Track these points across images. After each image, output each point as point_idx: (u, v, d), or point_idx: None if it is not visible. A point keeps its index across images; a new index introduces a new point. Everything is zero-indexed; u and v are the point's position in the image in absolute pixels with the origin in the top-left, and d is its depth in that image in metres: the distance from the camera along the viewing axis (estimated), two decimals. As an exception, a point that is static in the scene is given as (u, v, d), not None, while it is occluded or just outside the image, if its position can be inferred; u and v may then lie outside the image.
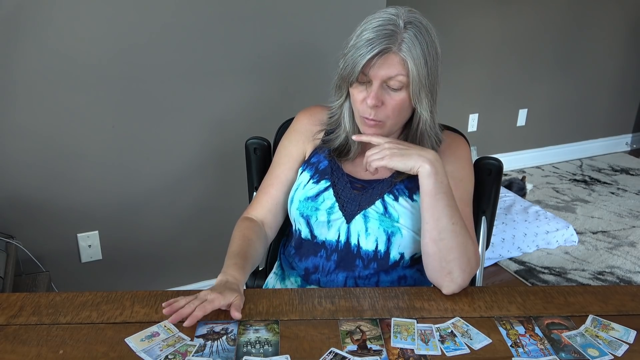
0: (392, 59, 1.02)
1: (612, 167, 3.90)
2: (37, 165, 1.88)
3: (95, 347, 0.88)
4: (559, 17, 3.53)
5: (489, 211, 1.31)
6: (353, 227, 1.13)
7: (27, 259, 1.90)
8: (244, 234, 1.14)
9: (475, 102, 3.51)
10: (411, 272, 1.18)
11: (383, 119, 1.06)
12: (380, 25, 1.02)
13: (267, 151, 1.40)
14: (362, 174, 1.17)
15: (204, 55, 1.99)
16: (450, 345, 0.91)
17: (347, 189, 1.15)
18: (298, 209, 1.16)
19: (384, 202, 1.12)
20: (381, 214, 1.12)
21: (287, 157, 1.23)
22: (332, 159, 1.18)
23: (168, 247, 2.19)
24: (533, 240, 2.72)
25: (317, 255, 1.17)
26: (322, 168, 1.18)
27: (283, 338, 0.91)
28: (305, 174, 1.19)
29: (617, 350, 0.91)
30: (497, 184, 1.28)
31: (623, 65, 3.92)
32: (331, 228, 1.14)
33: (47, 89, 1.81)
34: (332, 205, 1.13)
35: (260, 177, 1.39)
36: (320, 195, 1.15)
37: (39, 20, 1.74)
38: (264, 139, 1.40)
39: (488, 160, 1.28)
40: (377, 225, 1.12)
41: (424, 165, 1.02)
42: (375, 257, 1.13)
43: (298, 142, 1.23)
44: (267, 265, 1.45)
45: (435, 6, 3.14)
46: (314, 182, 1.16)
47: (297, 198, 1.17)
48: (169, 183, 2.11)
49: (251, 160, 1.41)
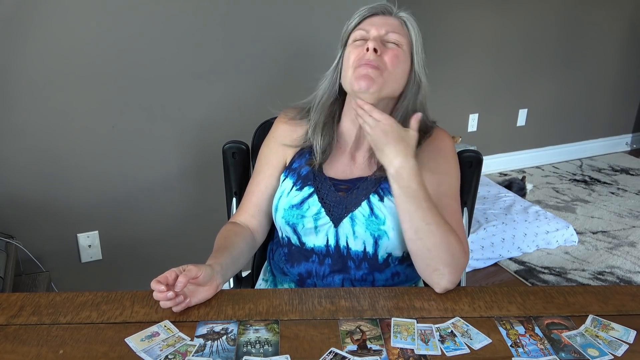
0: (392, 20, 1.12)
1: (612, 167, 3.90)
2: (37, 165, 1.88)
3: (95, 347, 0.88)
4: (559, 17, 3.53)
5: (470, 202, 1.34)
6: (341, 230, 1.12)
7: (27, 259, 1.90)
8: (221, 235, 1.15)
9: (475, 102, 3.51)
10: (402, 268, 1.18)
11: (381, 66, 1.06)
12: (378, 3, 1.14)
13: (246, 155, 1.37)
14: (347, 174, 1.16)
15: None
16: (450, 345, 0.91)
17: (331, 193, 1.14)
18: (283, 217, 1.15)
19: (370, 203, 1.12)
20: (367, 216, 1.11)
21: (267, 165, 1.22)
22: (312, 164, 1.16)
23: (168, 246, 2.19)
24: (533, 240, 2.72)
25: (309, 261, 1.16)
26: (304, 174, 1.16)
27: (283, 338, 0.91)
28: (287, 181, 1.17)
29: (617, 350, 0.91)
30: (477, 175, 1.32)
31: (623, 65, 3.92)
32: (319, 233, 1.14)
33: (47, 90, 1.82)
34: (318, 211, 1.13)
35: (239, 181, 1.37)
36: (305, 202, 1.13)
37: (39, 22, 1.74)
38: (242, 142, 1.37)
39: (468, 152, 1.31)
40: (364, 230, 1.11)
41: (388, 168, 1.03)
42: (365, 257, 1.13)
43: (278, 150, 1.21)
44: (253, 271, 1.43)
45: (435, 6, 3.14)
46: (297, 189, 1.15)
47: (281, 206, 1.15)
48: (169, 182, 2.11)
49: (229, 165, 1.37)
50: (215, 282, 1.00)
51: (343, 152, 1.18)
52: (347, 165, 1.17)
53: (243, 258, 1.16)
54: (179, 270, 0.95)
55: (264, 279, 1.30)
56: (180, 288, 0.93)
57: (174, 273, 0.94)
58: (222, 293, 1.03)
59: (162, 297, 0.93)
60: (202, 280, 0.97)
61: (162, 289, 0.92)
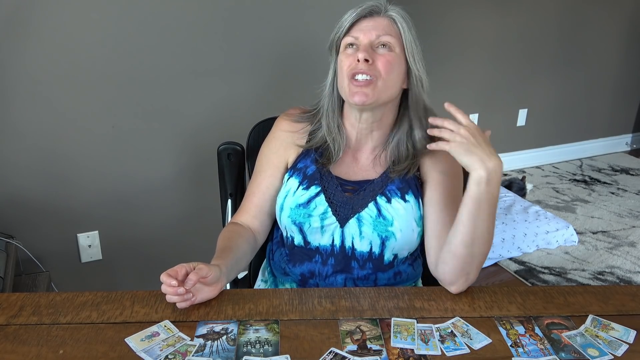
0: (381, 20, 1.09)
1: (612, 167, 3.90)
2: (37, 165, 1.88)
3: (95, 347, 0.88)
4: (559, 16, 3.53)
5: None
6: (347, 231, 1.12)
7: (27, 259, 1.90)
8: (224, 236, 1.14)
9: (475, 102, 3.51)
10: (404, 267, 1.18)
11: (375, 74, 1.06)
12: (366, 3, 1.10)
13: (241, 156, 1.36)
14: (352, 175, 1.16)
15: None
16: (450, 345, 0.91)
17: (338, 193, 1.13)
18: (290, 216, 1.14)
19: (377, 204, 1.12)
20: (375, 217, 1.11)
21: (268, 165, 1.21)
22: (319, 164, 1.16)
23: (168, 246, 2.19)
24: (533, 240, 2.72)
25: (312, 261, 1.16)
26: (310, 173, 1.16)
27: (283, 338, 0.91)
28: (293, 180, 1.16)
29: (617, 350, 0.91)
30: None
31: (623, 65, 3.92)
32: (325, 233, 1.13)
33: (47, 90, 1.82)
34: (325, 211, 1.12)
35: (234, 183, 1.35)
36: (312, 201, 1.13)
37: (38, 22, 1.74)
38: (237, 143, 1.35)
39: None
40: (371, 230, 1.11)
41: (478, 170, 0.98)
42: (370, 258, 1.13)
43: (279, 150, 1.20)
44: (250, 273, 1.42)
45: (435, 6, 3.14)
46: (303, 188, 1.14)
47: (287, 205, 1.15)
48: (169, 182, 2.11)
49: (224, 167, 1.35)
50: (220, 282, 1.01)
51: (345, 153, 1.18)
52: (351, 166, 1.17)
53: (245, 259, 1.16)
54: (189, 266, 0.95)
55: (263, 280, 1.30)
56: (190, 285, 0.93)
57: (184, 269, 0.94)
58: (222, 293, 1.03)
59: (172, 291, 0.92)
60: (211, 280, 0.97)
61: (174, 283, 0.92)
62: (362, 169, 1.17)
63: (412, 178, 1.14)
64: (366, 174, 1.16)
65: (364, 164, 1.17)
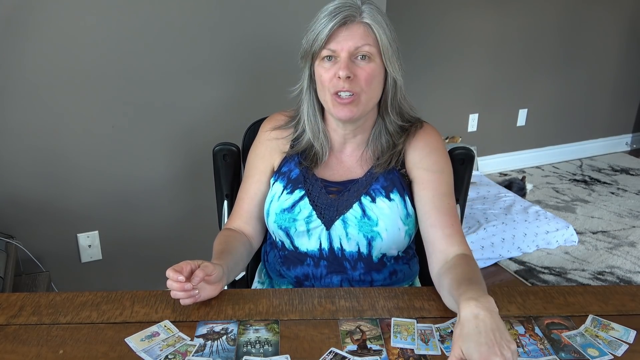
0: (356, 29, 1.03)
1: (612, 167, 3.90)
2: (37, 165, 1.88)
3: (95, 347, 0.88)
4: (559, 16, 3.53)
5: (462, 198, 1.34)
6: (334, 233, 1.12)
7: (27, 259, 1.90)
8: (220, 240, 1.14)
9: (475, 102, 3.51)
10: (399, 266, 1.18)
11: (357, 90, 1.04)
12: (339, 3, 1.05)
13: (237, 156, 1.35)
14: (336, 176, 1.15)
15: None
16: (450, 345, 0.91)
17: (322, 195, 1.13)
18: (275, 221, 1.14)
19: (362, 204, 1.11)
20: (359, 218, 1.10)
21: (255, 170, 1.21)
22: (303, 166, 1.15)
23: (169, 246, 2.19)
24: (533, 240, 2.72)
25: (304, 264, 1.16)
26: (294, 177, 1.15)
27: (283, 338, 0.91)
28: (277, 185, 1.16)
29: (617, 350, 0.91)
30: (469, 172, 1.32)
31: (623, 65, 3.92)
32: (311, 237, 1.13)
33: (47, 90, 1.82)
34: (310, 214, 1.12)
35: (230, 183, 1.35)
36: (296, 205, 1.13)
37: (38, 23, 1.74)
38: (233, 144, 1.35)
39: (459, 150, 1.30)
40: (357, 231, 1.11)
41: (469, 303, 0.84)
42: (360, 257, 1.13)
43: (264, 155, 1.20)
44: (248, 274, 1.42)
45: (435, 5, 3.14)
46: (287, 192, 1.14)
47: (272, 211, 1.15)
48: (169, 182, 2.11)
49: (219, 167, 1.34)
50: (222, 282, 1.01)
51: (329, 155, 1.17)
52: (335, 168, 1.17)
53: (242, 262, 1.16)
54: (194, 264, 0.95)
55: (259, 281, 1.29)
56: (196, 282, 0.93)
57: (189, 266, 0.94)
58: (222, 293, 1.03)
59: (179, 287, 0.92)
60: (214, 278, 0.97)
61: (181, 278, 0.92)
62: (347, 169, 1.16)
63: (397, 176, 1.13)
64: (351, 173, 1.15)
65: (348, 163, 1.16)
